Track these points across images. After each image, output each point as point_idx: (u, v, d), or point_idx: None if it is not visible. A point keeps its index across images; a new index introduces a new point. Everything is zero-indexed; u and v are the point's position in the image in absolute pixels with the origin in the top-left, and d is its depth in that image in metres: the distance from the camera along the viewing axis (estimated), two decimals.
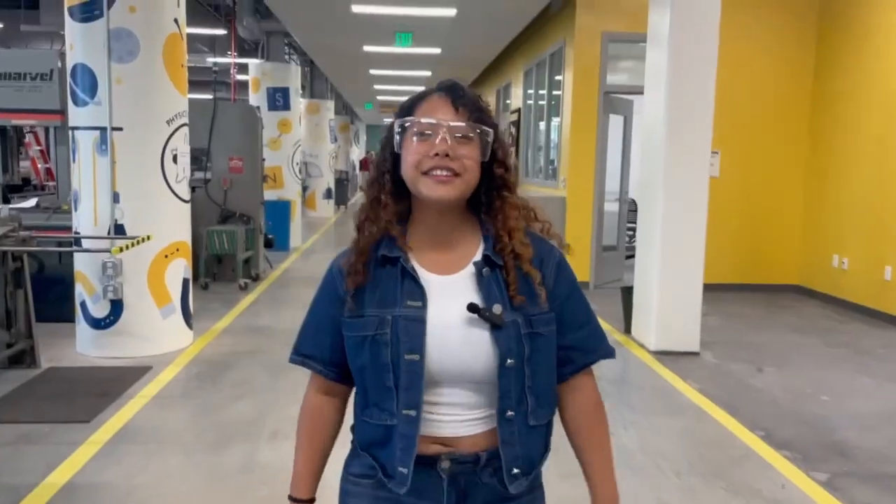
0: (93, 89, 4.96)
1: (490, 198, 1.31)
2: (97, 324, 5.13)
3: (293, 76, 11.55)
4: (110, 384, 4.52)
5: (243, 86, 14.25)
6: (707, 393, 4.65)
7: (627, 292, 6.23)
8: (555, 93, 9.37)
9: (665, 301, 5.55)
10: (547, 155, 9.55)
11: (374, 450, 1.30)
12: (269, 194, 11.29)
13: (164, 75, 5.10)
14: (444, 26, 9.70)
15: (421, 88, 1.35)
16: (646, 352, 5.62)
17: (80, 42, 4.99)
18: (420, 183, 1.24)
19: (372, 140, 36.76)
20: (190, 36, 12.92)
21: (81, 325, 5.22)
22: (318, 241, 12.93)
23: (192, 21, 12.65)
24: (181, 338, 5.45)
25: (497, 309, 1.24)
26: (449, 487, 1.28)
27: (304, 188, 18.05)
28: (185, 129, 5.38)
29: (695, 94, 5.43)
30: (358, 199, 24.51)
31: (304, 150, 18.04)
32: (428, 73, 14.61)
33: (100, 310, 5.10)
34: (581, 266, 8.32)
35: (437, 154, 1.22)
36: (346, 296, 1.31)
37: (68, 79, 5.08)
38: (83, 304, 5.17)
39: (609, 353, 1.38)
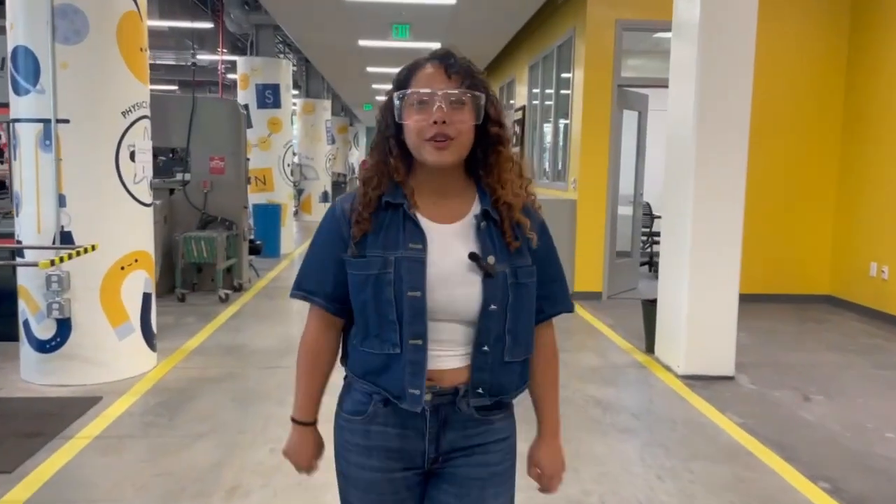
0: (35, 75, 4.28)
1: (486, 154, 1.44)
2: (42, 346, 4.45)
3: (284, 72, 10.88)
4: (47, 421, 3.83)
5: (236, 84, 13.59)
6: (752, 429, 3.95)
7: (649, 306, 5.53)
8: (563, 92, 8.69)
9: (696, 318, 4.86)
10: (554, 155, 8.87)
11: (371, 377, 1.43)
12: (259, 197, 10.65)
13: (118, 60, 4.42)
14: (443, 17, 9.03)
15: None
16: (673, 376, 4.92)
17: (21, 20, 4.32)
18: (422, 149, 1.38)
19: (371, 142, 36.00)
20: (175, 31, 12.29)
21: (25, 348, 4.53)
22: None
23: (176, 14, 12.05)
24: (141, 361, 4.76)
25: (491, 260, 1.39)
26: (431, 417, 1.42)
27: (300, 191, 17.42)
28: (146, 123, 4.70)
29: (729, 90, 4.75)
30: None
31: (300, 152, 17.42)
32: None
33: (44, 330, 4.42)
34: (593, 275, 7.64)
35: (434, 122, 1.35)
36: (349, 238, 1.43)
37: (8, 64, 4.40)
38: (26, 324, 4.49)
39: (570, 307, 1.59)
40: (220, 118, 7.66)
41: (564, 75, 8.64)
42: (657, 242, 9.81)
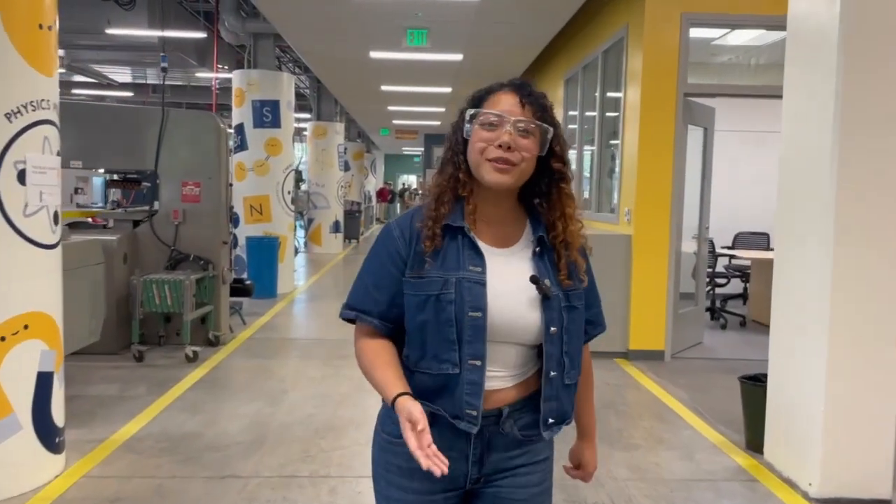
0: None
1: (549, 188, 1.50)
2: None
3: (285, 87, 9.58)
4: None
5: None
6: None
7: (754, 389, 4.02)
8: (610, 106, 7.27)
9: (838, 414, 3.34)
10: (600, 181, 7.41)
11: (428, 396, 1.42)
12: (254, 229, 9.30)
13: (3, 39, 3.07)
14: (465, 19, 7.67)
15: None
16: (801, 498, 3.39)
17: None
18: (482, 167, 1.43)
19: (389, 170, 34.87)
20: (172, 43, 11.09)
21: None
22: (317, 284, 10.82)
23: (170, 24, 10.86)
24: (31, 471, 3.33)
25: (547, 283, 1.45)
26: (475, 439, 1.46)
27: (309, 221, 16.11)
28: (49, 132, 3.33)
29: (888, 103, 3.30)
30: (374, 231, 22.68)
31: (310, 179, 16.13)
32: (447, 90, 12.62)
33: None
34: (653, 328, 6.12)
35: (500, 145, 1.41)
36: (408, 258, 1.46)
37: None
38: None
39: (605, 327, 1.67)
40: (195, 135, 6.31)
41: (612, 87, 7.22)
42: (720, 285, 8.28)
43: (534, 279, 1.43)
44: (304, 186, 16.61)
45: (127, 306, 5.85)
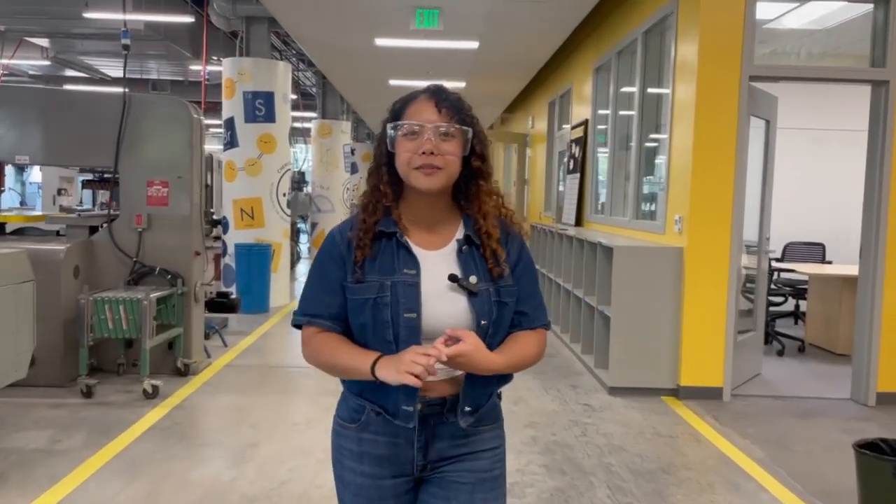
0: None
1: (468, 186, 1.56)
2: None
3: (280, 77, 8.60)
4: None
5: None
6: None
7: (877, 464, 2.96)
8: (652, 95, 6.24)
9: None
10: (638, 184, 6.38)
11: (368, 394, 1.52)
12: (244, 235, 8.33)
13: None
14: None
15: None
16: None
17: None
18: (411, 176, 1.49)
19: None
20: (166, 32, 10.16)
21: None
22: None
23: (154, 8, 9.94)
24: None
25: (473, 279, 1.50)
26: (420, 427, 1.51)
27: (313, 225, 15.14)
28: None
29: None
30: None
31: (314, 181, 15.17)
32: (461, 85, 11.59)
33: None
34: (709, 360, 5.09)
35: (423, 152, 1.46)
36: (350, 263, 1.52)
37: None
38: None
39: (547, 324, 1.63)
40: (163, 125, 5.33)
41: (653, 74, 6.19)
42: (775, 304, 7.22)
43: (452, 277, 1.49)
44: (307, 189, 15.64)
45: (71, 329, 4.86)
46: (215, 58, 10.93)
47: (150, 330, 4.78)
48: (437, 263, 1.51)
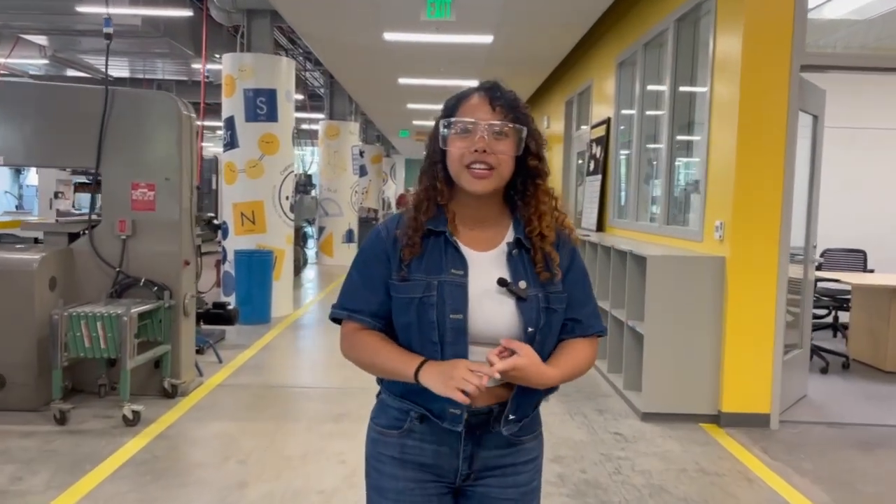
0: None
1: (525, 185, 1.52)
2: None
3: (284, 74, 8.12)
4: None
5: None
6: None
7: None
8: (685, 89, 5.72)
9: None
10: (669, 187, 5.85)
11: (413, 396, 1.47)
12: (245, 241, 7.86)
13: None
14: None
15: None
16: None
17: None
18: (462, 176, 1.46)
19: (410, 176, 33.30)
20: (165, 27, 9.71)
21: None
22: (323, 304, 9.32)
23: (153, 2, 9.49)
24: None
25: (522, 284, 1.46)
26: (466, 436, 1.48)
27: (320, 229, 14.68)
28: None
29: None
30: None
31: (321, 184, 14.71)
32: (474, 84, 11.03)
33: None
34: (754, 382, 4.57)
35: (476, 150, 1.42)
36: (395, 261, 1.48)
37: None
38: None
39: (602, 331, 1.57)
40: (149, 122, 4.85)
41: (687, 66, 5.67)
42: (819, 317, 6.66)
43: (502, 282, 1.45)
44: (314, 192, 15.17)
45: (44, 347, 4.38)
46: (217, 56, 10.48)
47: (132, 349, 4.29)
48: (485, 265, 1.48)
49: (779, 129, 4.45)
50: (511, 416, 1.47)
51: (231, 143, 7.99)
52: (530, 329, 1.44)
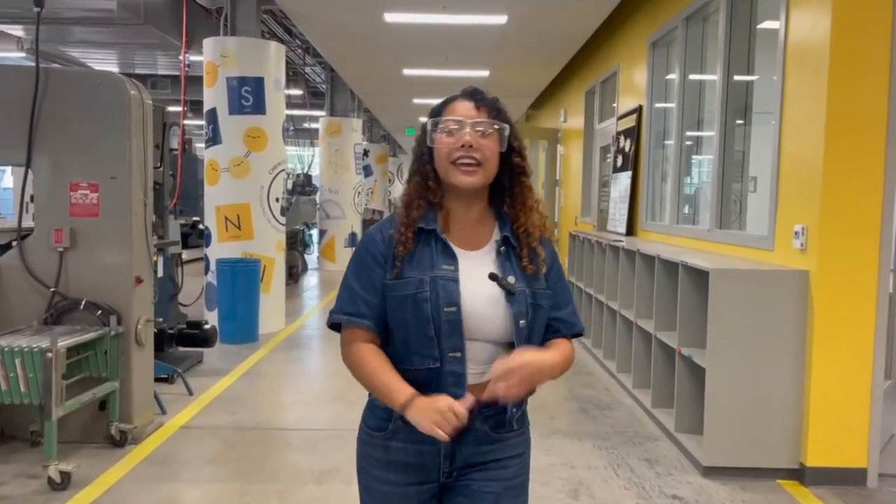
0: None
1: (511, 183, 1.58)
2: None
3: (272, 60, 7.22)
4: None
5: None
6: None
7: None
8: (740, 70, 4.79)
9: None
10: (720, 184, 4.89)
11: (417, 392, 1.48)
12: (229, 248, 6.97)
13: None
14: None
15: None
16: None
17: None
18: (450, 172, 1.52)
19: None
20: (133, 6, 8.79)
21: None
22: (319, 316, 8.40)
23: None
24: None
25: (511, 279, 1.51)
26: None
27: (321, 233, 13.79)
28: None
29: None
30: None
31: (322, 185, 13.82)
32: (484, 73, 10.18)
33: None
34: (848, 430, 3.62)
35: (462, 146, 1.50)
36: (388, 262, 1.52)
37: None
38: None
39: (581, 330, 1.63)
40: (91, 109, 3.95)
41: (742, 39, 4.74)
42: None
43: (492, 276, 1.49)
44: (317, 197, 14.26)
45: None
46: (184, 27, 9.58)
47: (59, 393, 3.39)
48: (475, 262, 1.52)
49: (880, 109, 3.50)
50: (488, 413, 1.50)
51: (213, 139, 7.10)
52: (521, 322, 1.48)
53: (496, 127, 1.52)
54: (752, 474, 3.66)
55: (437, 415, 1.38)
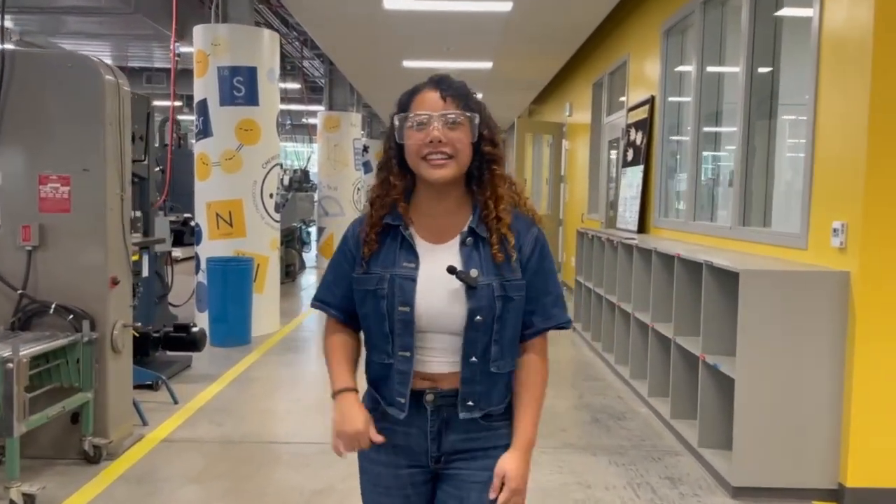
0: None
1: (481, 171, 1.53)
2: None
3: (265, 48, 6.88)
4: None
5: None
6: None
7: None
8: (764, 59, 4.45)
9: None
10: (743, 177, 4.56)
11: (376, 384, 1.56)
12: (221, 246, 6.64)
13: None
14: None
15: None
16: None
17: None
18: (421, 167, 1.48)
19: None
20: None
21: None
22: (316, 319, 8.05)
23: None
24: None
25: (473, 272, 1.47)
26: (433, 417, 1.52)
27: (320, 230, 13.46)
28: None
29: None
30: None
31: (320, 181, 13.48)
32: (487, 65, 9.84)
33: None
34: (892, 447, 3.26)
35: (431, 141, 1.45)
36: (359, 257, 1.54)
37: None
38: None
39: (565, 323, 1.57)
40: (62, 95, 3.62)
41: (766, 22, 4.41)
42: None
43: (451, 269, 1.46)
44: (316, 195, 13.92)
45: None
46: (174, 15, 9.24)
47: (22, 406, 3.06)
48: (440, 256, 1.50)
49: None
50: (469, 403, 1.50)
51: (203, 132, 6.77)
52: (478, 318, 1.46)
53: (465, 116, 1.47)
54: (785, 495, 3.33)
55: (345, 434, 1.49)
